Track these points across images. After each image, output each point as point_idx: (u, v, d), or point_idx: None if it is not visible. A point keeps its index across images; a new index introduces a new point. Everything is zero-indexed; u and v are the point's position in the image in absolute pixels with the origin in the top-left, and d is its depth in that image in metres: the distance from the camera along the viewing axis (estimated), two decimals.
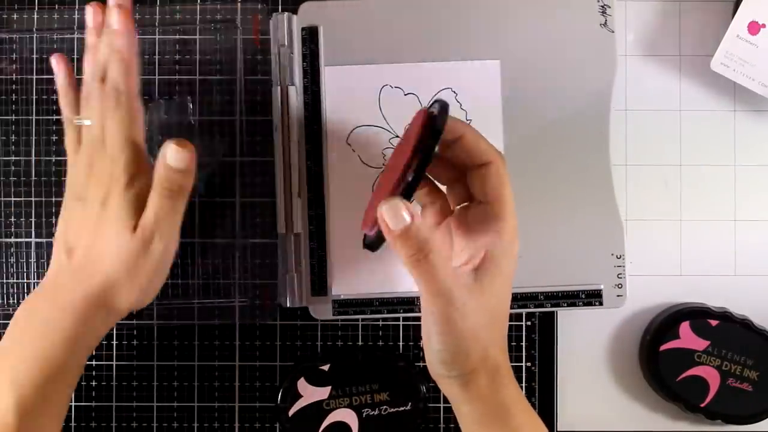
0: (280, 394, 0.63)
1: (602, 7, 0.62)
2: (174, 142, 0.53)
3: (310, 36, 0.62)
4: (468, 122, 0.63)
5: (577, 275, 0.62)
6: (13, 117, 0.63)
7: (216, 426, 0.64)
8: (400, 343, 0.64)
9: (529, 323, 0.64)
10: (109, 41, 0.55)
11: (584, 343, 0.65)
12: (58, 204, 0.63)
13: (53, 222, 0.63)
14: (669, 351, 0.63)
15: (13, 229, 0.63)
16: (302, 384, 0.62)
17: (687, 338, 0.63)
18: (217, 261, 0.63)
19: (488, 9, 0.62)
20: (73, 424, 0.64)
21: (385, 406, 0.62)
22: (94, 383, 0.64)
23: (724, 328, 0.63)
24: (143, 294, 0.55)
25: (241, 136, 0.63)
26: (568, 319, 0.64)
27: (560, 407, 0.64)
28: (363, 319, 0.64)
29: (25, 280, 0.63)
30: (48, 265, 0.57)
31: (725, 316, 0.63)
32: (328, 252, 0.62)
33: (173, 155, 0.53)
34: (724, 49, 0.62)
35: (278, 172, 0.62)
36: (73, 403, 0.64)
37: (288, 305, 0.62)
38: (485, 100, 0.62)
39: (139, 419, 0.64)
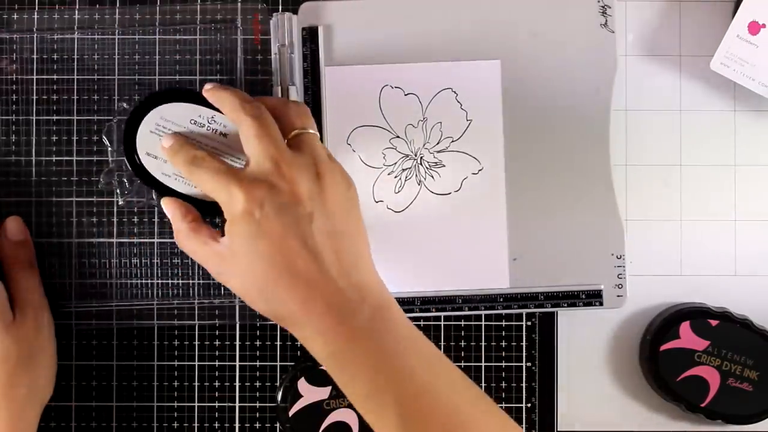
0: (280, 394, 0.63)
1: (602, 7, 0.62)
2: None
3: (310, 36, 0.62)
4: (468, 122, 0.63)
5: (577, 275, 0.62)
6: (13, 117, 0.63)
7: (216, 426, 0.64)
8: None
9: (529, 323, 0.64)
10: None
11: (584, 343, 0.65)
12: (59, 204, 0.63)
13: (53, 222, 0.63)
14: (669, 351, 0.63)
15: None
16: (302, 384, 0.62)
17: (687, 338, 0.63)
18: None
19: (488, 9, 0.62)
20: (73, 424, 0.64)
21: None
22: (94, 383, 0.64)
23: (724, 328, 0.63)
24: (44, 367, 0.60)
25: None
26: (568, 319, 0.64)
27: (560, 407, 0.64)
28: None
29: None
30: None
31: (725, 316, 0.63)
32: None
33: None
34: (724, 49, 0.62)
35: None
36: (73, 403, 0.64)
37: None
38: (485, 100, 0.62)
39: (139, 419, 0.64)
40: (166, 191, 0.58)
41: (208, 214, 0.57)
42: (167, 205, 0.57)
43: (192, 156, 0.55)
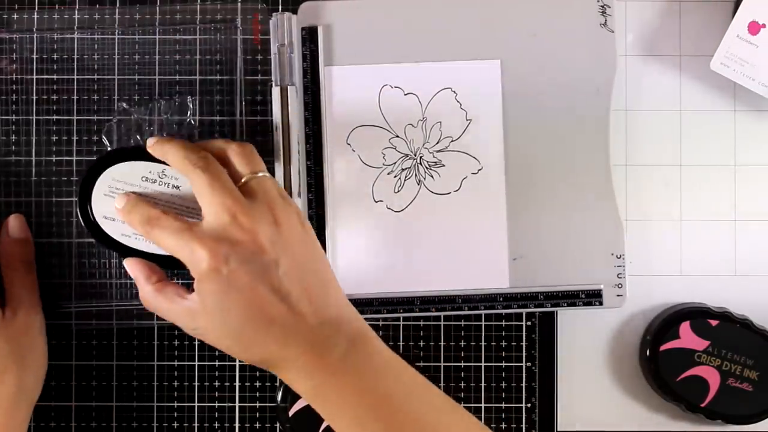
0: (280, 394, 0.63)
1: (602, 7, 0.62)
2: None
3: (310, 36, 0.62)
4: (467, 122, 0.63)
5: (577, 275, 0.62)
6: (13, 117, 0.63)
7: (216, 426, 0.64)
8: (400, 343, 0.64)
9: (529, 323, 0.64)
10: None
11: (584, 343, 0.65)
12: (58, 204, 0.63)
13: (53, 222, 0.63)
14: (669, 351, 0.63)
15: None
16: None
17: (687, 338, 0.63)
18: None
19: (488, 9, 0.62)
20: (73, 424, 0.64)
21: None
22: (94, 383, 0.64)
23: (724, 328, 0.63)
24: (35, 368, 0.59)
25: (241, 136, 0.63)
26: (568, 319, 0.64)
27: (560, 407, 0.64)
28: None
29: None
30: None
31: (725, 316, 0.63)
32: (327, 252, 0.62)
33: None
34: (724, 49, 0.62)
35: (278, 172, 0.62)
36: (73, 403, 0.64)
37: None
38: (485, 100, 0.62)
39: (139, 419, 0.64)
40: (128, 252, 0.57)
41: (174, 268, 0.57)
42: (130, 267, 0.56)
43: (147, 216, 0.54)
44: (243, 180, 0.55)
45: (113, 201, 0.57)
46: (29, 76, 0.63)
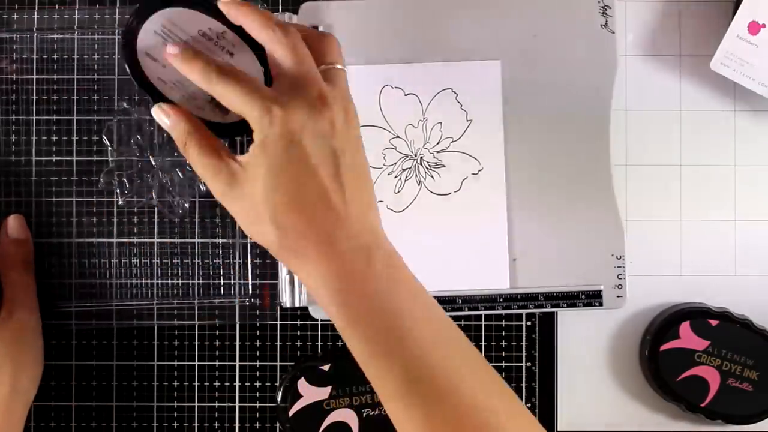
0: (280, 394, 0.63)
1: (603, 8, 0.62)
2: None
3: None
4: (468, 122, 0.63)
5: (577, 276, 0.62)
6: (13, 117, 0.63)
7: (216, 426, 0.64)
8: None
9: (529, 323, 0.64)
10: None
11: (584, 343, 0.65)
12: (58, 204, 0.63)
13: (53, 222, 0.63)
14: (669, 351, 0.63)
15: None
16: (302, 384, 0.62)
17: (687, 338, 0.63)
18: (217, 261, 0.63)
19: (489, 9, 0.62)
20: (73, 424, 0.64)
21: None
22: (94, 383, 0.64)
23: (724, 328, 0.63)
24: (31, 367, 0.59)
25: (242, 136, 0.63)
26: (568, 319, 0.64)
27: (560, 407, 0.64)
28: None
29: None
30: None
31: (725, 316, 0.63)
32: None
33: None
34: (724, 49, 0.62)
35: None
36: (73, 403, 0.64)
37: (288, 305, 0.62)
38: (485, 100, 0.62)
39: (139, 419, 0.64)
40: (160, 99, 0.52)
41: None
42: (170, 112, 0.51)
43: (215, 65, 0.50)
44: (322, 67, 0.51)
45: (160, 40, 0.52)
46: (29, 76, 0.63)
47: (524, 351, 0.64)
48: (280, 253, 0.50)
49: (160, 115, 0.52)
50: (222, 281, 0.63)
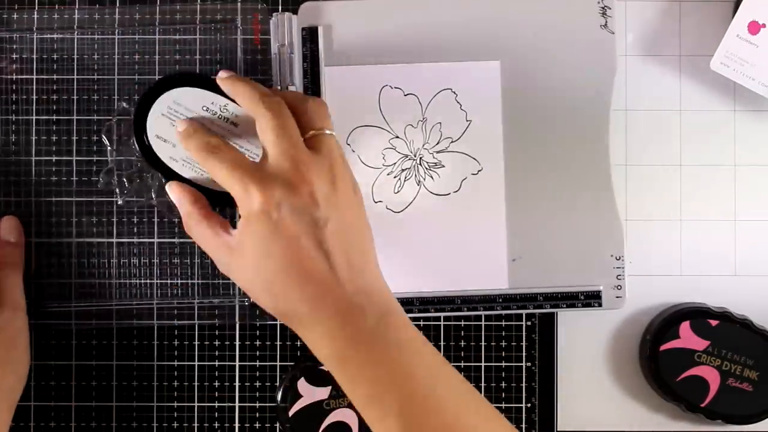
0: (280, 394, 0.63)
1: (603, 8, 0.62)
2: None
3: (310, 36, 0.62)
4: (467, 123, 0.63)
5: (577, 276, 0.62)
6: (13, 117, 0.63)
7: (216, 426, 0.64)
8: None
9: (529, 323, 0.64)
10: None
11: (584, 343, 0.65)
12: (58, 204, 0.63)
13: (52, 222, 0.63)
14: (669, 351, 0.63)
15: None
16: (302, 384, 0.62)
17: (687, 338, 0.63)
18: None
19: (488, 9, 0.62)
20: (73, 424, 0.64)
21: None
22: (94, 383, 0.64)
23: (724, 328, 0.63)
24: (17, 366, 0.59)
25: None
26: (568, 319, 0.64)
27: (560, 407, 0.64)
28: None
29: None
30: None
31: (725, 316, 0.63)
32: None
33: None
34: (724, 49, 0.62)
35: None
36: (73, 403, 0.64)
37: None
38: (485, 100, 0.62)
39: (139, 419, 0.64)
40: (172, 176, 0.57)
41: (217, 205, 0.57)
42: (175, 189, 0.56)
43: (207, 142, 0.54)
44: (310, 134, 0.54)
45: (168, 122, 0.57)
46: (29, 76, 0.63)
47: (524, 351, 0.64)
48: (278, 317, 0.53)
49: (170, 194, 0.57)
50: (222, 281, 0.63)
